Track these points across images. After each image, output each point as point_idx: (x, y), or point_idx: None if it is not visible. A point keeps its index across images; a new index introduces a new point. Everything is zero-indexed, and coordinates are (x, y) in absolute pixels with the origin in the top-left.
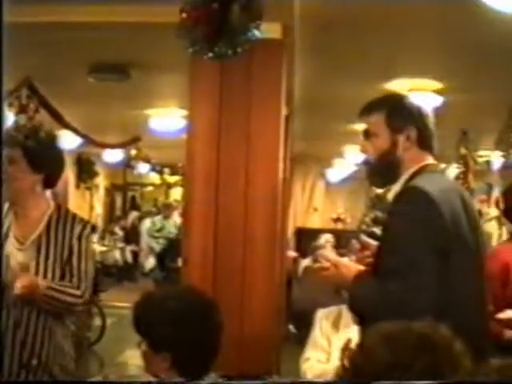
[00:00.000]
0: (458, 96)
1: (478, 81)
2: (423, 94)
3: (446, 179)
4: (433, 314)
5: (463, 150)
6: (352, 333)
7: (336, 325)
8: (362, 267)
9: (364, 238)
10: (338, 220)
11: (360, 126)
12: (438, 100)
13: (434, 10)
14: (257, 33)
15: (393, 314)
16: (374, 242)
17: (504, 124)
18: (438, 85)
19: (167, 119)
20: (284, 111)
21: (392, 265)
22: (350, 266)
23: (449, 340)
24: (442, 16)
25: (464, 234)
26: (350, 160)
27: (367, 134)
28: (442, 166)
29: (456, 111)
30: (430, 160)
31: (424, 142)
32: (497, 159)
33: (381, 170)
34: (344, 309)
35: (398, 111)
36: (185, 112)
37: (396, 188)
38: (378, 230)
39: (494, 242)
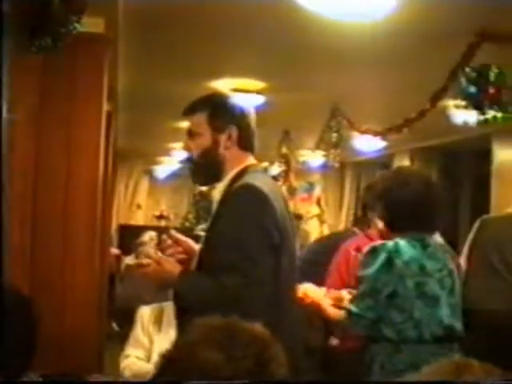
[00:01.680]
0: (280, 96)
1: (300, 81)
2: (246, 93)
3: (269, 178)
4: (268, 307)
5: (285, 150)
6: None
7: (158, 323)
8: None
9: (175, 233)
10: (161, 217)
11: (185, 124)
12: (261, 100)
13: (257, 10)
14: (78, 26)
15: (229, 308)
16: (184, 238)
17: (325, 124)
18: (261, 84)
19: None
20: (106, 107)
21: (229, 260)
22: (174, 262)
23: (270, 336)
24: (265, 16)
25: (288, 230)
26: (175, 157)
27: (190, 132)
28: (264, 165)
29: (278, 111)
30: (251, 159)
31: (245, 142)
32: (318, 159)
33: (203, 168)
34: (167, 306)
35: (220, 111)
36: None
37: (221, 186)
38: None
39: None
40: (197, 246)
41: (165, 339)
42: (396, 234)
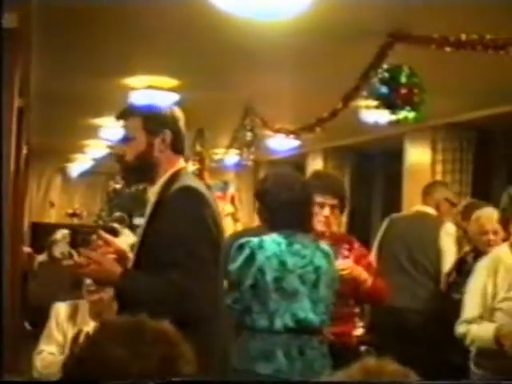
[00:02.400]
0: (194, 94)
1: (214, 80)
2: (160, 91)
3: (199, 180)
4: (212, 302)
5: (199, 148)
6: (89, 328)
7: (73, 319)
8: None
9: (103, 233)
10: (74, 215)
11: (100, 121)
12: (174, 97)
13: (170, 8)
14: None
15: (178, 303)
16: (112, 239)
17: (239, 123)
18: (174, 82)
19: None
20: (18, 103)
21: (175, 257)
22: (114, 261)
23: (177, 334)
24: (178, 15)
25: (222, 227)
26: (88, 154)
27: (124, 136)
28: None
29: (192, 109)
30: (182, 162)
31: (177, 145)
32: (232, 157)
33: (138, 170)
34: (82, 304)
35: (154, 115)
36: None
37: (156, 188)
38: (117, 226)
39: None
40: (125, 247)
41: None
42: (271, 230)
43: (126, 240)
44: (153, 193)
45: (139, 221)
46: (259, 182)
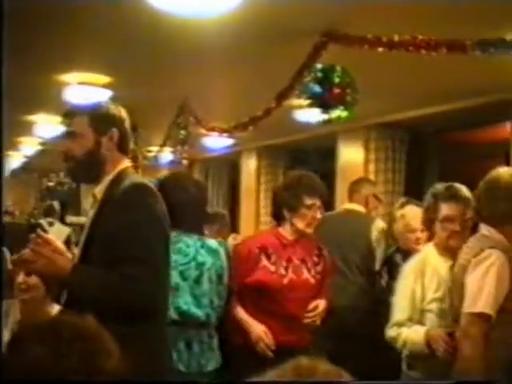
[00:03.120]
0: (128, 91)
1: (149, 77)
2: (94, 87)
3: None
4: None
5: (132, 145)
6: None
7: (5, 320)
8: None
9: (43, 233)
10: (5, 213)
11: (33, 118)
12: (108, 94)
13: (104, 5)
14: None
15: (134, 298)
16: (52, 237)
17: (172, 121)
18: (107, 79)
19: None
20: None
21: (132, 252)
22: (66, 258)
23: (98, 328)
24: (112, 12)
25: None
26: (21, 151)
27: (72, 133)
28: None
29: (127, 106)
30: (127, 162)
31: (123, 145)
32: (166, 155)
33: (86, 168)
34: (13, 303)
35: (101, 113)
36: None
37: (102, 187)
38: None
39: None
40: (62, 245)
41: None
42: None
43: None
44: (99, 191)
45: (73, 219)
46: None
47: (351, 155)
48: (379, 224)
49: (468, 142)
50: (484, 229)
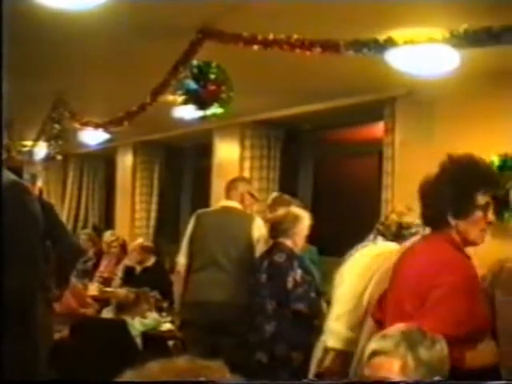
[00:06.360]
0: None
1: (24, 70)
2: None
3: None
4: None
5: (6, 140)
6: None
7: None
8: None
9: None
10: None
11: None
12: None
13: None
14: None
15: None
16: None
17: (47, 115)
18: None
19: None
20: None
21: (14, 250)
22: None
23: None
24: None
25: None
26: None
27: None
28: None
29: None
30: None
31: None
32: (40, 150)
33: None
34: None
35: None
36: None
37: None
38: None
39: None
40: None
41: None
42: None
43: None
44: None
45: None
46: None
47: (227, 152)
48: (259, 222)
49: (342, 140)
50: None
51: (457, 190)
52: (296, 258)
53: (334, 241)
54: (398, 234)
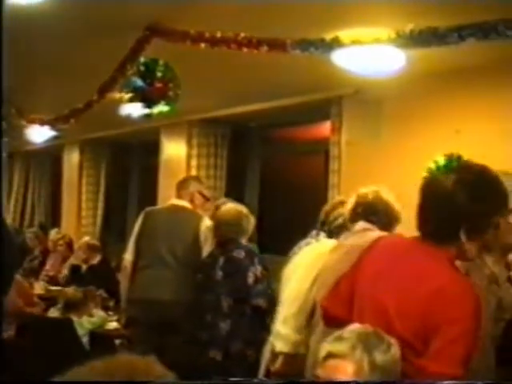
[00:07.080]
0: None
1: None
2: None
3: None
4: None
5: None
6: None
7: None
8: None
9: None
10: None
11: None
12: None
13: None
14: None
15: None
16: None
17: None
18: None
19: None
20: None
21: None
22: None
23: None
24: None
25: None
26: None
27: None
28: None
29: None
30: None
31: None
32: None
33: None
34: None
35: None
36: None
37: None
38: None
39: None
40: None
41: None
42: None
43: None
44: None
45: None
46: None
47: (174, 150)
48: (207, 222)
49: (290, 138)
50: None
51: (478, 208)
52: (255, 254)
53: (279, 239)
54: (332, 228)
